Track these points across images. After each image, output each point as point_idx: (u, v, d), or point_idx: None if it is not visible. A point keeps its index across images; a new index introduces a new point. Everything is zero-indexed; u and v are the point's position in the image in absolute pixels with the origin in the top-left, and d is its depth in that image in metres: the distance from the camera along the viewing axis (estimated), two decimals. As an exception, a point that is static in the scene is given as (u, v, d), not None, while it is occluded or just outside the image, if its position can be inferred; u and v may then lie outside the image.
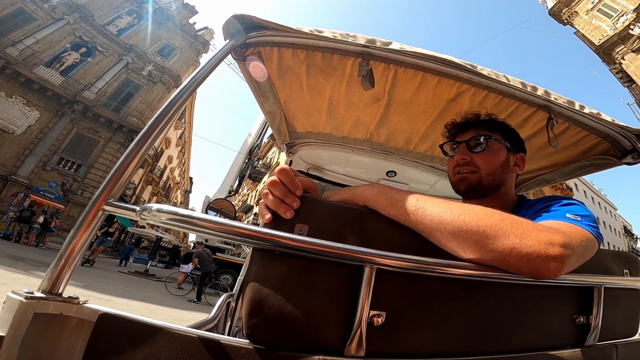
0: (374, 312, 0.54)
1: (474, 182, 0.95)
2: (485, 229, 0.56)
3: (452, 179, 1.03)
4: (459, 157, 0.99)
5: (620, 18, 19.80)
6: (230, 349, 0.52)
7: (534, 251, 0.53)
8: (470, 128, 1.03)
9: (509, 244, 0.54)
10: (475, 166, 0.96)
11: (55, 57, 21.38)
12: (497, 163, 0.97)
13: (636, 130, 1.16)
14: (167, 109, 0.77)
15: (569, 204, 0.78)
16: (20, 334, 0.50)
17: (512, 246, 0.54)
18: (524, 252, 0.53)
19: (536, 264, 0.53)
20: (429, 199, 0.62)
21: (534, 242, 0.54)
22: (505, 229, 0.55)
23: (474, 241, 0.56)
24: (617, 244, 43.52)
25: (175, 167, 40.06)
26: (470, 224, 0.56)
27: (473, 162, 0.97)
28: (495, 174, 0.96)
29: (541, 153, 1.50)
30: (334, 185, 2.48)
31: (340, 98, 1.48)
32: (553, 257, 0.53)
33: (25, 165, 18.85)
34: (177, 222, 0.57)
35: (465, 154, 0.99)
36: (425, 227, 0.59)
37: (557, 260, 0.53)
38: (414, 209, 0.61)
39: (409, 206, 0.61)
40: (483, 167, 0.96)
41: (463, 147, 1.00)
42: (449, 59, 1.04)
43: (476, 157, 0.97)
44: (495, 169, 0.96)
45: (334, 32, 1.00)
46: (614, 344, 0.84)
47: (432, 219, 0.59)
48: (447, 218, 0.58)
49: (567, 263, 0.54)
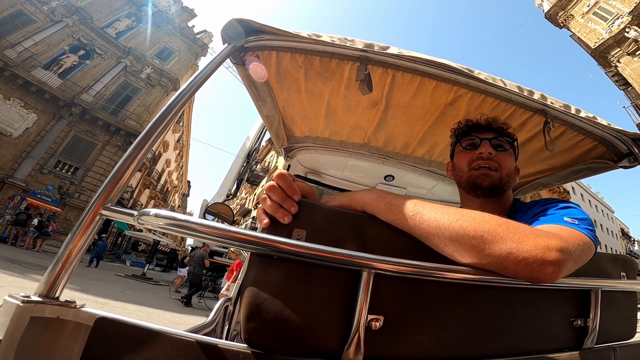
0: (372, 316, 0.54)
1: (497, 180, 0.95)
2: (482, 234, 0.56)
3: (469, 174, 1.00)
4: (485, 150, 0.98)
5: (615, 21, 19.94)
6: (228, 353, 0.52)
7: (531, 256, 0.53)
8: (490, 130, 1.03)
9: (505, 248, 0.54)
10: (497, 164, 0.97)
11: (54, 59, 21.34)
12: (512, 167, 0.99)
13: (632, 134, 1.17)
14: (166, 113, 0.77)
15: (566, 207, 0.78)
16: (17, 337, 0.49)
17: (509, 251, 0.54)
18: (521, 256, 0.53)
19: (533, 268, 0.53)
20: (426, 204, 0.63)
21: (530, 246, 0.54)
22: (503, 233, 0.56)
23: (472, 246, 0.56)
24: (614, 247, 43.64)
25: (173, 171, 39.96)
26: (467, 229, 0.57)
27: (496, 159, 0.97)
28: (511, 177, 0.98)
29: (538, 157, 1.51)
30: (332, 190, 2.48)
31: (338, 102, 1.49)
32: (550, 261, 0.53)
33: (22, 168, 18.75)
34: (175, 227, 0.57)
35: (491, 149, 0.99)
36: (423, 231, 0.60)
37: (554, 265, 0.53)
38: (412, 214, 0.61)
39: (407, 211, 0.61)
40: (504, 167, 0.97)
41: (487, 142, 1.00)
42: (447, 63, 1.05)
43: (499, 155, 0.98)
44: (510, 172, 0.98)
45: (332, 37, 1.01)
46: (611, 347, 0.84)
47: (430, 224, 0.59)
48: (444, 223, 0.58)
49: (564, 267, 0.55)
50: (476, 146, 1.01)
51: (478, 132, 1.04)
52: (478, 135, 1.03)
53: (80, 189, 20.24)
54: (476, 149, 1.00)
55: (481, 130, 1.04)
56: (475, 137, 1.03)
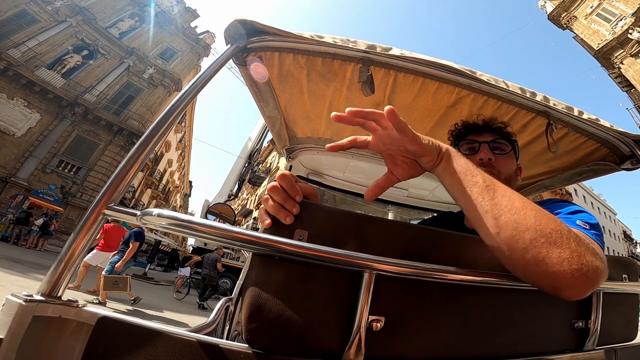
0: (373, 317, 0.54)
1: None
2: (550, 232, 0.52)
3: None
4: (485, 156, 0.95)
5: (618, 22, 19.87)
6: (229, 353, 0.52)
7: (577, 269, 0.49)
8: (487, 131, 1.01)
9: (565, 255, 0.50)
10: (496, 169, 0.94)
11: (57, 59, 21.47)
12: (512, 169, 0.97)
13: (635, 136, 1.16)
14: (169, 114, 0.77)
15: (576, 211, 0.77)
16: (19, 336, 0.50)
17: (565, 258, 0.50)
18: (574, 266, 0.49)
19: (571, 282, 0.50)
20: (500, 184, 0.59)
21: (588, 260, 0.50)
22: (567, 240, 0.51)
23: (530, 239, 0.51)
24: (616, 249, 43.42)
25: (174, 171, 40.08)
26: (541, 220, 0.52)
27: (495, 163, 0.95)
28: (511, 180, 0.95)
29: (540, 159, 1.51)
30: (333, 191, 2.48)
31: (340, 103, 1.49)
32: (590, 281, 0.50)
33: (25, 168, 18.85)
34: (177, 227, 0.57)
35: (491, 154, 0.96)
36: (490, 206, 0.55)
37: (589, 286, 0.51)
38: (488, 184, 0.58)
39: (483, 179, 0.59)
40: (503, 171, 0.94)
41: (486, 146, 0.97)
42: (449, 64, 1.04)
43: (499, 159, 0.96)
44: (511, 175, 0.96)
45: (335, 38, 1.01)
46: (612, 349, 0.84)
47: (501, 203, 0.55)
48: (517, 205, 0.54)
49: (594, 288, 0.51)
50: (475, 150, 0.99)
51: (476, 135, 1.01)
52: (476, 139, 1.00)
53: (82, 188, 20.32)
54: (475, 154, 0.97)
55: (479, 131, 1.02)
56: (474, 140, 1.00)
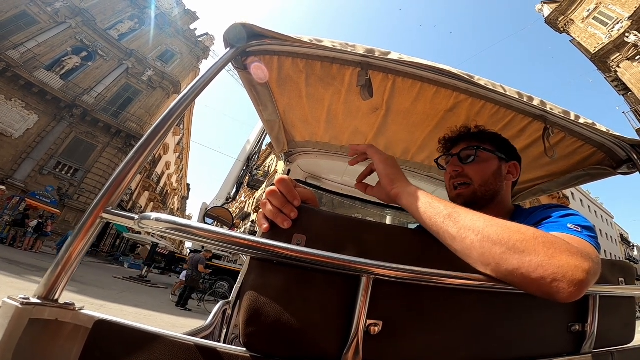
0: (371, 321, 0.55)
1: (469, 196, 0.95)
2: (515, 243, 0.55)
3: (450, 195, 1.02)
4: (450, 169, 1.00)
5: (615, 26, 19.96)
6: (227, 357, 0.52)
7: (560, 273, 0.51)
8: (462, 141, 1.04)
9: (536, 261, 0.53)
10: (467, 177, 0.97)
11: (56, 60, 21.44)
12: (489, 172, 0.97)
13: (631, 141, 1.17)
14: (168, 117, 0.77)
15: (568, 214, 0.78)
16: (15, 339, 0.49)
17: (538, 264, 0.52)
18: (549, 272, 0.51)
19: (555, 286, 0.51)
20: (463, 209, 0.64)
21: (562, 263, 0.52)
22: (535, 246, 0.54)
23: (498, 253, 0.55)
24: (613, 252, 43.57)
25: (172, 174, 39.97)
26: (501, 235, 0.56)
27: (465, 173, 0.97)
28: (488, 184, 0.96)
29: (537, 163, 1.51)
30: (332, 195, 2.48)
31: (339, 107, 1.49)
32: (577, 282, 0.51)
33: (22, 169, 18.76)
34: (175, 232, 0.57)
35: (457, 165, 1.00)
36: (454, 231, 0.60)
37: (579, 286, 0.51)
38: (449, 212, 0.62)
39: (443, 209, 0.63)
40: (475, 178, 0.96)
41: (455, 159, 1.02)
42: (447, 69, 1.05)
43: (467, 168, 0.98)
44: (488, 179, 0.96)
45: (334, 42, 1.02)
46: (609, 352, 0.84)
47: (465, 225, 0.59)
48: (479, 226, 0.58)
49: (585, 290, 0.52)
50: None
51: (454, 147, 1.05)
52: (450, 152, 1.05)
53: (79, 190, 20.24)
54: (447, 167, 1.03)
55: (454, 143, 1.06)
56: (448, 154, 1.06)
